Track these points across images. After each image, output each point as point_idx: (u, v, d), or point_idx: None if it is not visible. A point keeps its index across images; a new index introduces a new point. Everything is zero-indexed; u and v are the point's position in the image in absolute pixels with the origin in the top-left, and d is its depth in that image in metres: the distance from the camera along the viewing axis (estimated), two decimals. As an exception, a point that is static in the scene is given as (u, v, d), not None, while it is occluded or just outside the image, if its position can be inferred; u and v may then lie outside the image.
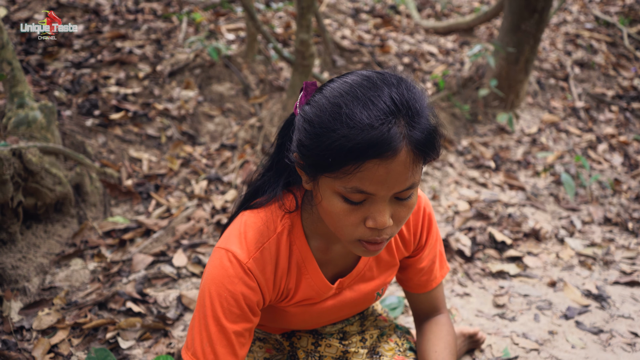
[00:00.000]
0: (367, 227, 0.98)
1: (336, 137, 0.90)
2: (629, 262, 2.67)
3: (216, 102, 3.74)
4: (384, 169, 0.90)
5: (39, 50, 3.81)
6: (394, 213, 0.99)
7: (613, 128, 4.30)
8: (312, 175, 1.00)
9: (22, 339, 1.89)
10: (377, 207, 0.96)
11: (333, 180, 0.95)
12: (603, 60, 5.07)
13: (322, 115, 0.94)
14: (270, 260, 1.14)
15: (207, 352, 1.10)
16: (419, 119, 0.93)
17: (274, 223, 1.15)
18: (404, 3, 5.89)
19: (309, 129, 0.96)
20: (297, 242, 1.17)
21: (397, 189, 0.94)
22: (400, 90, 0.93)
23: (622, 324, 2.16)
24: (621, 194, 3.44)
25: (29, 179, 2.28)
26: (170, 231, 2.60)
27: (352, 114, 0.90)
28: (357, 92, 0.92)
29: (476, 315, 2.20)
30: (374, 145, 0.89)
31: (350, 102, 0.91)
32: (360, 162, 0.90)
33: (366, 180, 0.92)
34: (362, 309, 1.39)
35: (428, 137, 0.94)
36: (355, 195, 0.95)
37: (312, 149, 0.95)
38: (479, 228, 2.83)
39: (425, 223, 1.29)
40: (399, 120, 0.90)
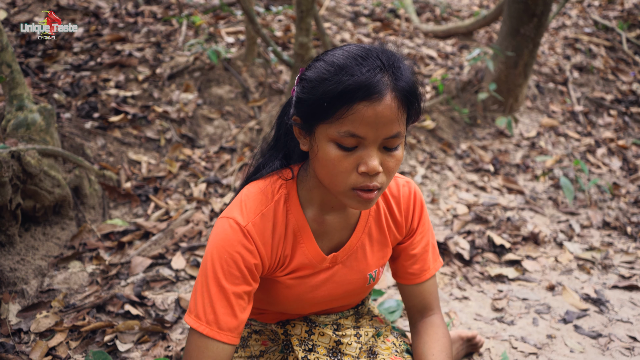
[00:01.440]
0: (360, 174, 1.08)
1: (330, 84, 1.04)
2: (627, 266, 2.67)
3: (215, 105, 3.74)
4: (372, 110, 1.03)
5: (39, 53, 3.81)
6: (383, 162, 1.09)
7: (612, 132, 4.30)
8: (309, 128, 1.12)
9: (20, 341, 1.88)
10: (367, 152, 1.07)
11: (328, 126, 1.07)
12: (602, 64, 5.08)
13: (318, 71, 1.08)
14: (268, 225, 1.21)
15: (207, 312, 1.16)
16: (401, 73, 1.07)
17: (272, 192, 1.25)
18: (404, 7, 5.90)
19: (307, 85, 1.10)
20: (293, 210, 1.24)
21: (385, 134, 1.05)
22: (386, 53, 1.09)
23: (620, 328, 2.16)
24: (620, 198, 3.44)
25: (28, 182, 2.28)
26: (169, 234, 2.60)
27: (344, 65, 1.05)
28: (350, 52, 1.08)
29: (475, 319, 2.20)
30: (362, 87, 1.02)
31: (343, 59, 1.06)
32: (351, 104, 1.03)
33: (357, 123, 1.03)
34: (356, 297, 1.42)
35: (410, 86, 1.08)
36: (348, 140, 1.05)
37: (309, 99, 1.08)
38: (478, 232, 2.83)
39: (417, 207, 1.37)
40: (385, 73, 1.05)
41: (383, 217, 1.34)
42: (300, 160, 1.30)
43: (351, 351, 1.37)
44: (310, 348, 1.37)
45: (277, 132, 1.31)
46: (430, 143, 3.84)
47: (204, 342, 1.17)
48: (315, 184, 1.23)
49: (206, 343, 1.17)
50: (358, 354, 1.38)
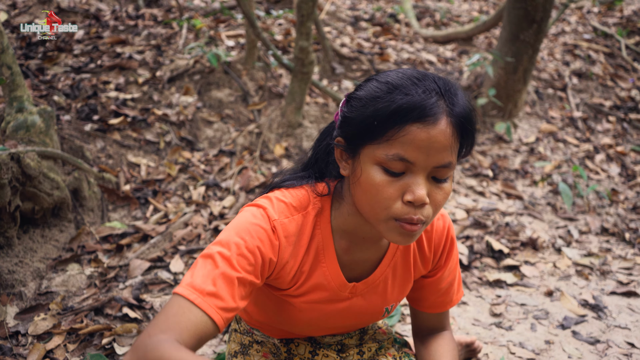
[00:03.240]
0: (404, 203, 1.00)
1: (382, 102, 0.99)
2: (625, 273, 2.68)
3: (215, 108, 3.75)
4: (425, 133, 0.96)
5: (39, 55, 3.82)
6: (431, 194, 1.02)
7: (610, 138, 4.31)
8: (353, 150, 1.05)
9: (18, 344, 1.88)
10: (415, 179, 0.99)
11: (376, 148, 1.00)
12: (601, 70, 5.09)
13: (370, 90, 1.03)
14: (293, 231, 1.13)
15: (207, 284, 0.98)
16: (458, 100, 1.01)
17: (306, 200, 1.17)
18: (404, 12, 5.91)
19: (356, 104, 1.04)
20: (322, 226, 1.17)
21: (437, 161, 0.99)
22: (443, 79, 1.03)
23: (618, 334, 2.16)
24: (618, 204, 3.44)
25: (27, 184, 2.28)
26: (168, 237, 2.60)
27: (399, 85, 0.99)
28: (406, 73, 1.02)
29: (473, 324, 2.20)
30: (416, 108, 0.96)
31: (398, 79, 1.01)
32: (403, 124, 0.96)
33: (408, 146, 0.97)
34: (367, 324, 1.38)
35: (467, 113, 1.02)
36: (396, 164, 0.98)
37: (357, 119, 1.02)
38: (477, 237, 2.84)
39: (448, 243, 1.29)
40: (441, 97, 0.99)
41: (412, 252, 1.26)
42: (337, 177, 1.20)
43: None
44: None
45: (314, 155, 1.24)
46: (430, 148, 3.84)
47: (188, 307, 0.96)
48: (351, 211, 1.15)
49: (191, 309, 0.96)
50: None
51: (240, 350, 1.45)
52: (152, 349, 0.90)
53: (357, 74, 4.55)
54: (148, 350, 0.90)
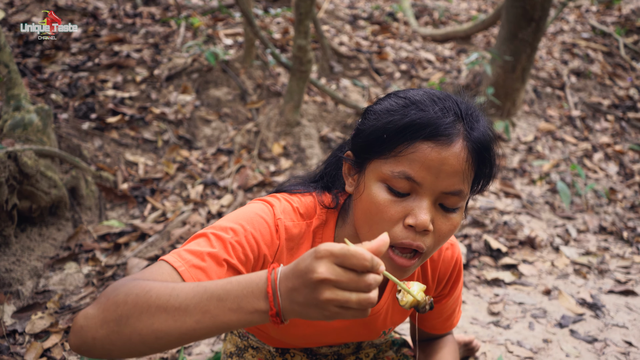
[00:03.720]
0: (405, 227, 0.93)
1: (395, 115, 0.93)
2: (623, 271, 2.68)
3: (213, 107, 3.74)
4: (436, 154, 0.90)
5: (36, 53, 3.81)
6: (436, 222, 0.94)
7: (609, 137, 4.31)
8: (360, 164, 1.00)
9: (15, 342, 1.88)
10: (420, 202, 0.92)
11: (383, 163, 0.94)
12: (599, 69, 5.09)
13: (387, 104, 0.98)
14: (294, 238, 1.08)
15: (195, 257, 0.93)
16: (478, 125, 0.95)
17: (313, 209, 1.11)
18: (402, 10, 5.91)
19: (370, 117, 0.99)
20: (324, 240, 1.11)
21: (446, 186, 0.92)
22: (466, 102, 0.97)
23: (616, 332, 2.16)
24: (616, 203, 3.45)
25: (24, 182, 2.27)
26: (166, 235, 2.59)
27: (417, 100, 0.94)
28: (428, 92, 0.97)
29: (471, 322, 2.20)
30: (430, 125, 0.90)
31: (419, 96, 0.96)
32: (413, 140, 0.91)
33: (416, 164, 0.91)
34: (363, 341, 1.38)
35: (486, 140, 0.95)
36: (402, 183, 0.92)
37: (368, 130, 0.97)
38: (475, 235, 2.83)
39: (455, 274, 1.25)
40: (460, 120, 0.93)
41: (415, 279, 1.22)
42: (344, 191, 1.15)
43: None
44: None
45: (326, 167, 1.19)
46: (428, 146, 3.84)
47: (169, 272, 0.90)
48: (352, 233, 1.09)
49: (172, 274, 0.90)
50: None
51: (236, 352, 1.43)
52: (120, 285, 0.84)
53: (355, 73, 4.54)
54: (117, 288, 0.83)
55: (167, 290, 0.81)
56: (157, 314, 0.78)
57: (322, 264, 0.73)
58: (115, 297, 0.82)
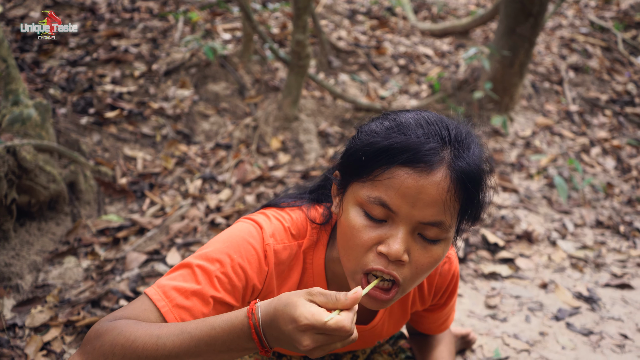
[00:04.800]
0: (377, 254, 0.89)
1: (377, 137, 0.89)
2: (619, 265, 2.70)
3: (211, 102, 3.74)
4: (413, 181, 0.85)
5: (34, 48, 3.80)
6: (413, 253, 0.90)
7: (606, 132, 4.33)
8: (343, 185, 0.96)
9: (15, 336, 1.89)
10: (395, 231, 0.88)
11: (360, 188, 0.90)
12: (597, 64, 5.10)
13: (376, 125, 0.93)
14: (285, 261, 1.05)
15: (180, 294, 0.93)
16: (467, 153, 0.88)
17: (304, 230, 1.08)
18: (401, 5, 5.90)
19: (357, 135, 0.95)
20: (315, 262, 1.08)
21: (423, 216, 0.86)
22: (459, 127, 0.91)
23: (612, 325, 2.17)
24: (613, 198, 3.46)
25: (23, 177, 2.28)
26: (164, 230, 2.60)
27: (404, 124, 0.89)
28: (420, 115, 0.92)
29: (468, 315, 2.22)
30: (408, 150, 0.85)
31: (408, 119, 0.91)
32: (389, 166, 0.86)
33: (392, 190, 0.86)
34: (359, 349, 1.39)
35: (473, 171, 0.88)
36: (377, 209, 0.88)
37: (351, 151, 0.93)
38: (472, 229, 2.85)
39: (451, 287, 1.23)
40: (446, 146, 0.87)
41: (411, 295, 1.20)
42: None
43: None
44: None
45: (320, 182, 1.17)
46: (426, 141, 3.85)
47: (152, 310, 0.92)
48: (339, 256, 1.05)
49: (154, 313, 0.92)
50: None
51: None
52: (103, 332, 0.86)
53: (353, 68, 4.54)
54: (100, 335, 0.85)
55: (152, 339, 0.83)
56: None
57: (306, 337, 0.77)
58: (102, 348, 0.84)
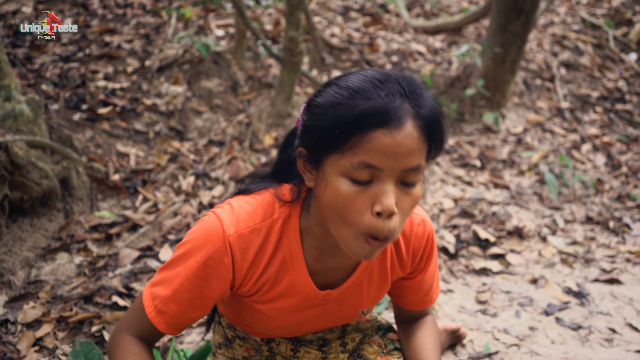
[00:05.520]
0: (373, 215, 0.95)
1: (343, 109, 0.93)
2: (609, 260, 2.73)
3: (205, 98, 3.74)
4: (390, 138, 0.91)
5: (27, 44, 3.79)
6: (399, 201, 0.97)
7: (597, 129, 4.36)
8: (317, 161, 1.00)
9: (7, 332, 1.89)
10: (383, 187, 0.94)
11: (340, 158, 0.95)
12: (589, 61, 5.13)
13: (330, 96, 0.97)
14: (255, 242, 1.10)
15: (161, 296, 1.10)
16: (424, 101, 0.96)
17: (272, 208, 1.12)
18: (394, 2, 5.92)
19: (316, 111, 0.98)
20: (289, 234, 1.12)
21: (405, 165, 0.94)
22: (407, 79, 0.98)
23: (600, 320, 2.20)
24: (603, 194, 3.49)
25: (15, 173, 2.28)
26: (157, 226, 2.61)
27: (360, 89, 0.94)
28: (367, 76, 0.96)
29: (459, 311, 2.24)
30: (380, 112, 0.91)
31: (359, 82, 0.95)
32: (366, 131, 0.91)
33: (373, 152, 0.92)
34: (343, 324, 1.39)
35: (434, 115, 0.97)
36: (362, 172, 0.93)
37: (319, 127, 0.97)
38: (464, 226, 2.87)
39: (428, 248, 1.27)
40: (405, 100, 0.94)
41: (389, 256, 1.23)
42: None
43: None
44: None
45: (279, 163, 1.19)
46: (418, 138, 3.87)
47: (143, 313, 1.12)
48: (318, 220, 1.10)
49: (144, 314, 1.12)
50: None
51: (224, 342, 1.46)
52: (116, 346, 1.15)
53: (346, 64, 4.55)
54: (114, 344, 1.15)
55: None
56: None
57: None
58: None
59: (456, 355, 1.96)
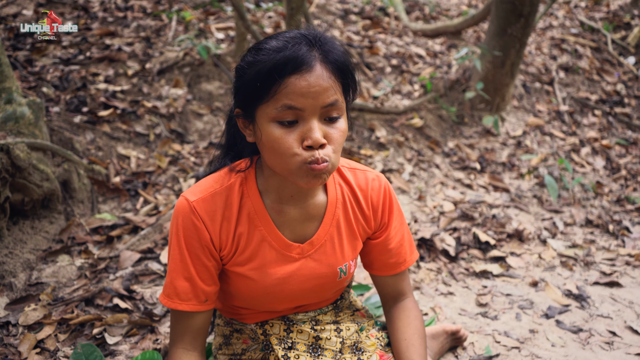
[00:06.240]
0: (304, 149, 1.09)
1: (260, 64, 1.08)
2: (608, 263, 2.73)
3: (205, 101, 3.75)
4: (304, 81, 1.06)
5: (28, 46, 3.79)
6: (327, 134, 1.11)
7: (596, 132, 4.37)
8: (250, 115, 1.14)
9: (8, 334, 1.89)
10: (308, 124, 1.09)
11: (266, 107, 1.09)
12: (587, 65, 5.15)
13: (249, 57, 1.13)
14: (219, 204, 1.24)
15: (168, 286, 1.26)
16: (330, 47, 1.11)
17: (228, 176, 1.28)
18: (393, 5, 5.93)
19: (240, 73, 1.14)
20: (249, 194, 1.26)
21: (322, 102, 1.08)
22: (315, 33, 1.13)
23: (601, 323, 2.21)
24: (603, 197, 3.50)
25: (17, 175, 2.28)
26: (158, 228, 2.61)
27: (273, 47, 1.09)
28: (280, 36, 1.12)
29: (459, 313, 2.24)
30: (290, 61, 1.06)
31: (273, 42, 1.11)
32: (282, 79, 1.06)
33: (292, 94, 1.06)
34: (330, 292, 1.42)
35: (340, 57, 1.12)
36: (287, 113, 1.08)
37: (243, 84, 1.12)
38: (464, 228, 2.88)
39: (387, 201, 1.38)
40: (312, 48, 1.09)
41: (350, 209, 1.34)
42: (253, 154, 1.31)
43: (331, 346, 1.40)
44: (290, 346, 1.39)
45: (227, 134, 1.35)
46: (418, 141, 3.88)
47: (174, 313, 1.28)
48: (270, 173, 1.24)
49: (175, 314, 1.28)
50: (340, 348, 1.40)
51: (224, 342, 1.51)
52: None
53: (346, 67, 4.56)
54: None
55: None
56: None
57: None
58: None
59: (457, 357, 1.96)
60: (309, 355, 1.37)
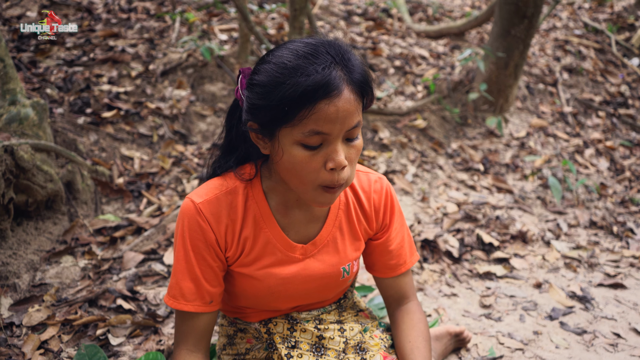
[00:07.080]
0: (327, 171, 1.10)
1: (288, 87, 1.04)
2: (613, 265, 2.72)
3: (208, 102, 3.75)
4: (333, 107, 1.04)
5: (31, 48, 3.81)
6: (347, 154, 1.12)
7: (600, 133, 4.36)
8: (270, 133, 1.12)
9: (12, 335, 1.89)
10: (333, 147, 1.09)
11: (291, 129, 1.07)
12: (591, 66, 5.14)
13: (270, 75, 1.08)
14: (223, 206, 1.25)
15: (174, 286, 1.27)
16: (353, 65, 1.09)
17: (233, 179, 1.28)
18: (396, 6, 5.93)
19: (260, 90, 1.09)
20: (255, 197, 1.27)
21: (348, 125, 1.08)
22: (334, 47, 1.10)
23: (605, 325, 2.20)
24: (607, 198, 3.49)
25: (21, 176, 2.29)
26: (161, 229, 2.61)
27: (297, 66, 1.05)
28: (298, 51, 1.08)
29: (463, 315, 2.24)
30: (321, 87, 1.03)
31: (294, 59, 1.06)
32: (312, 104, 1.04)
33: (320, 121, 1.05)
34: (333, 292, 1.43)
35: (364, 76, 1.11)
36: (313, 138, 1.07)
37: (267, 105, 1.08)
38: (467, 230, 2.87)
39: (388, 202, 1.39)
40: (337, 67, 1.06)
41: (352, 210, 1.36)
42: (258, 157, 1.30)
43: (334, 345, 1.40)
44: (293, 345, 1.39)
45: (228, 135, 1.33)
46: (422, 142, 3.88)
47: (178, 314, 1.29)
48: (278, 178, 1.25)
49: (180, 315, 1.29)
50: (344, 348, 1.40)
51: (228, 342, 1.51)
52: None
53: (349, 69, 4.56)
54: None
55: None
56: None
57: None
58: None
59: (461, 359, 1.96)
60: (312, 355, 1.37)
